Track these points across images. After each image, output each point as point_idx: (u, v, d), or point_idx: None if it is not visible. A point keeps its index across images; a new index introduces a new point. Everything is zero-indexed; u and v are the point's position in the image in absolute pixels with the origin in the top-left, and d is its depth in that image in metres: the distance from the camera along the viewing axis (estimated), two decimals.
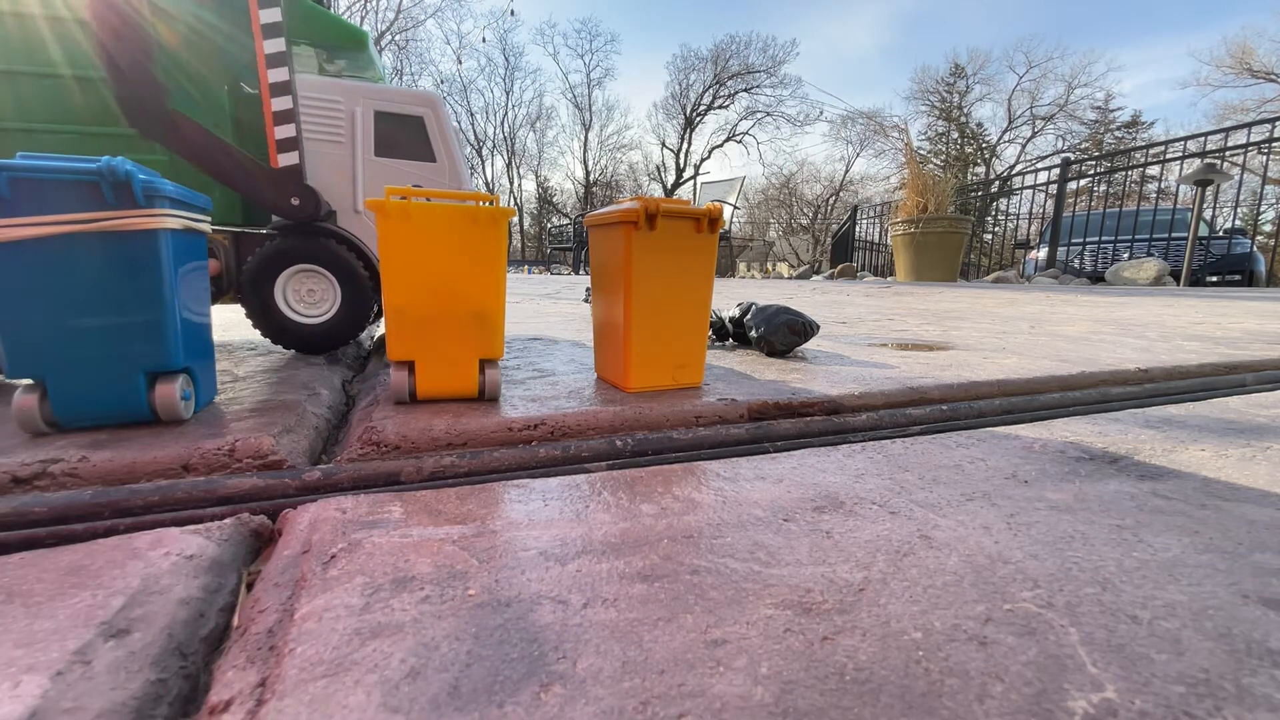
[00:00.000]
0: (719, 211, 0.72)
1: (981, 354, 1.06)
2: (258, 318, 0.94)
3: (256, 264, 0.92)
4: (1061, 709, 0.23)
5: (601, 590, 0.32)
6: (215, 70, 1.00)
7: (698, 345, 0.75)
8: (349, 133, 1.01)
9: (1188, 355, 1.05)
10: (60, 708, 0.23)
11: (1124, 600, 0.31)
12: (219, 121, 1.01)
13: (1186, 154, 4.94)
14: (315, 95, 0.99)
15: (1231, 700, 0.24)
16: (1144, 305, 2.35)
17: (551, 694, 0.24)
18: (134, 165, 0.52)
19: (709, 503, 0.44)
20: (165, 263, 0.55)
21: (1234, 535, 0.39)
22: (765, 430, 0.61)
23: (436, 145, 1.07)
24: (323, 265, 0.95)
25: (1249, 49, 11.46)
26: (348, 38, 1.12)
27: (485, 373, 0.69)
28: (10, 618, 0.29)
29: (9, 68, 0.90)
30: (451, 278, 0.66)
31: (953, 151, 15.30)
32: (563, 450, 0.54)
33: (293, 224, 0.94)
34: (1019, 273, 6.39)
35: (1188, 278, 4.53)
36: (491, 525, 0.40)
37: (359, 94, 1.02)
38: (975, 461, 0.54)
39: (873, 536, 0.38)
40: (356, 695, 0.24)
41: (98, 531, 0.40)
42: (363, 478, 0.48)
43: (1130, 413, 0.72)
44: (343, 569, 0.34)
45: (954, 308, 2.25)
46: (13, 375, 0.53)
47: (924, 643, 0.27)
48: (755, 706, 0.23)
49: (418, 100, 1.06)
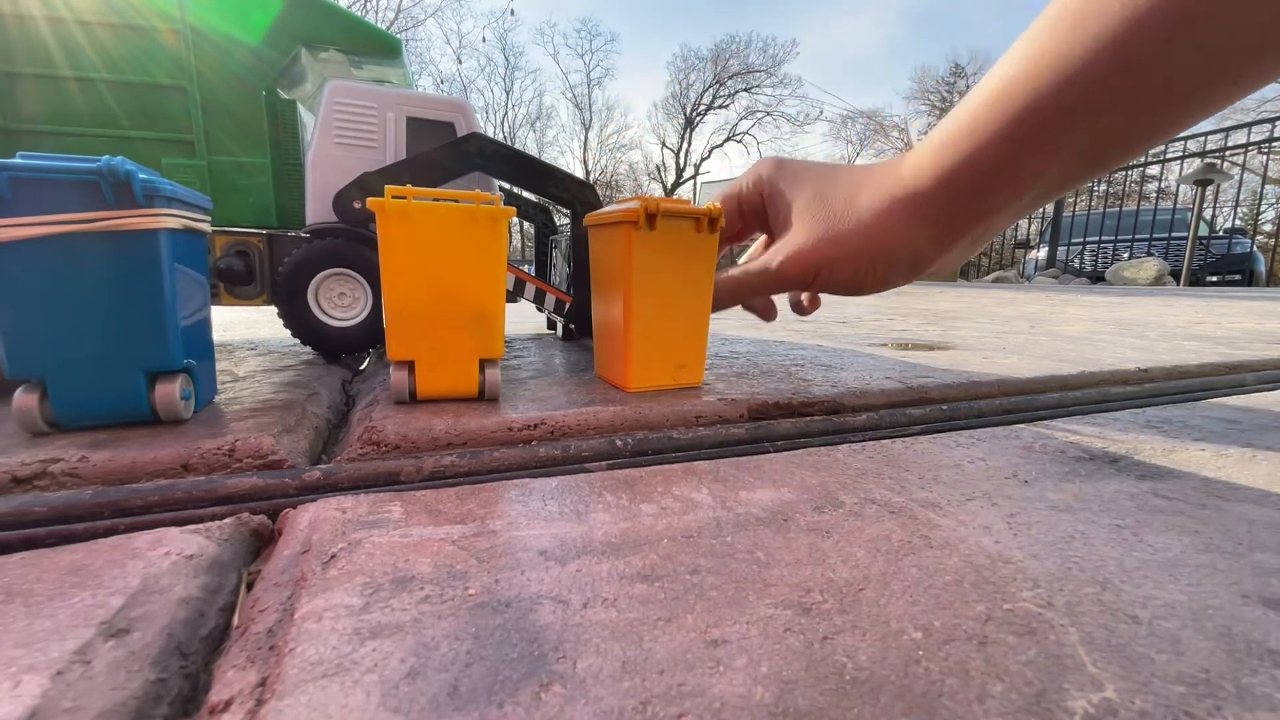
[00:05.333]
0: (720, 211, 0.72)
1: (981, 354, 1.06)
2: (289, 319, 0.95)
3: (292, 267, 0.93)
4: (1061, 709, 0.23)
5: (601, 590, 0.32)
6: (252, 75, 1.02)
7: (698, 345, 0.75)
8: (381, 138, 1.03)
9: (1188, 355, 1.05)
10: (60, 708, 0.23)
11: (1124, 600, 0.31)
12: (258, 125, 1.03)
13: (1186, 154, 4.94)
14: (350, 101, 1.00)
15: (1232, 700, 0.24)
16: (1144, 305, 2.35)
17: (551, 694, 0.24)
18: (134, 165, 0.52)
19: (709, 502, 0.44)
20: (165, 262, 0.55)
21: (1234, 535, 0.39)
22: (765, 430, 0.61)
23: None
24: (355, 269, 0.96)
25: None
26: (382, 45, 1.13)
27: (485, 372, 0.69)
28: (10, 617, 0.29)
29: (44, 71, 0.92)
30: (452, 277, 0.66)
31: None
32: (563, 450, 0.54)
33: (326, 227, 0.95)
34: (1019, 272, 6.38)
35: (1188, 277, 4.52)
36: (491, 525, 0.40)
37: (392, 100, 1.03)
38: (975, 461, 0.54)
39: (873, 536, 0.38)
40: (356, 695, 0.24)
41: (98, 531, 0.40)
42: (363, 477, 0.48)
43: (1130, 412, 0.72)
44: (343, 569, 0.34)
45: (954, 307, 2.25)
46: (12, 375, 0.53)
47: (924, 642, 0.27)
48: (755, 706, 0.23)
49: (449, 106, 1.07)
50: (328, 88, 1.00)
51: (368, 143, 1.02)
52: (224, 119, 1.01)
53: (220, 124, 1.02)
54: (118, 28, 0.94)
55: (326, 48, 1.10)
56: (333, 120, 0.99)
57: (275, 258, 1.00)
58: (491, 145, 1.02)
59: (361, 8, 12.34)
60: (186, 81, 0.98)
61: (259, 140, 1.04)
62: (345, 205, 0.95)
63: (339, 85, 1.00)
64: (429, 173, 0.98)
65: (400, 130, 1.03)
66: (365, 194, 0.95)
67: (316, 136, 0.99)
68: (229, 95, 1.01)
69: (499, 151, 1.02)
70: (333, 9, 1.07)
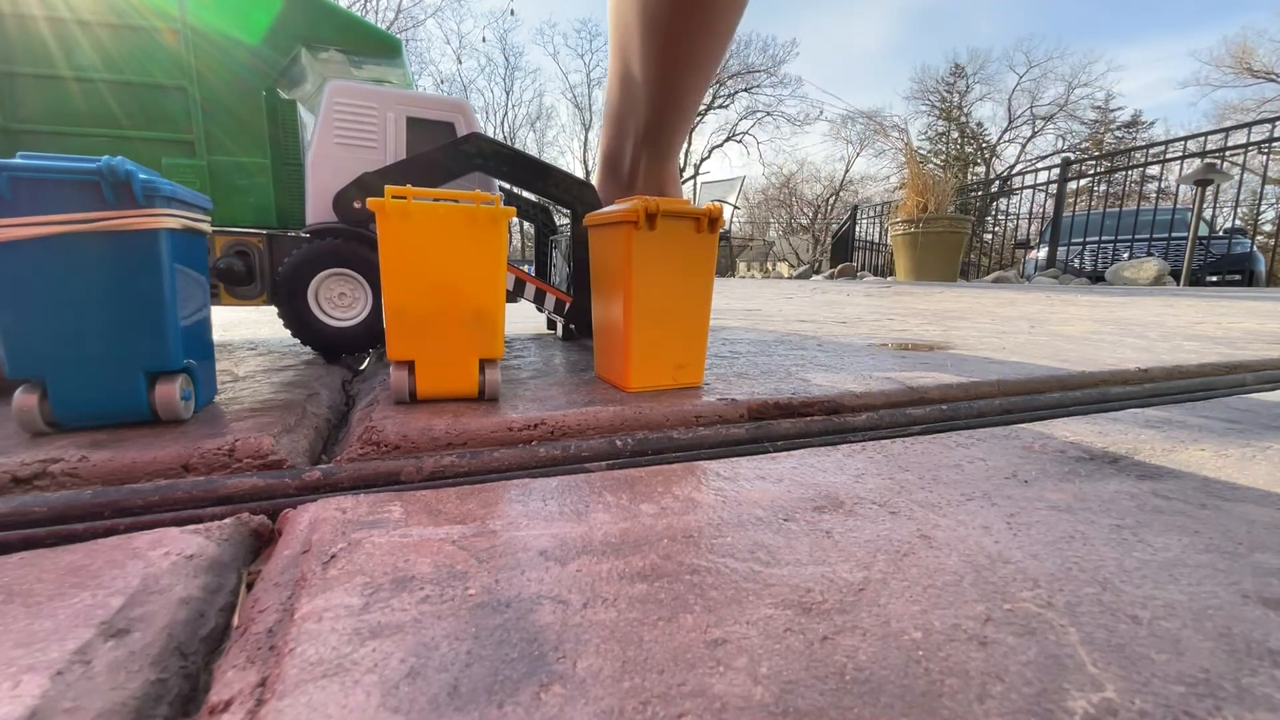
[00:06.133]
0: (719, 211, 0.72)
1: (982, 354, 1.06)
2: (289, 319, 0.95)
3: (291, 267, 0.93)
4: (1061, 709, 0.23)
5: (601, 590, 0.32)
6: (252, 75, 1.02)
7: (698, 345, 0.75)
8: (381, 138, 1.03)
9: (1188, 355, 1.05)
10: (60, 708, 0.23)
11: (1124, 600, 0.31)
12: (258, 126, 1.03)
13: (1186, 154, 4.94)
14: (350, 101, 1.00)
15: (1232, 700, 0.24)
16: (1144, 305, 2.35)
17: (551, 694, 0.24)
18: (134, 165, 0.52)
19: (709, 502, 0.44)
20: (165, 262, 0.55)
21: (1234, 535, 0.39)
22: (765, 430, 0.61)
23: None
24: (355, 269, 0.96)
25: (1249, 49, 11.46)
26: (382, 44, 1.13)
27: (485, 372, 0.69)
28: (10, 617, 0.29)
29: (45, 71, 0.92)
30: (452, 277, 0.66)
31: (953, 151, 15.28)
32: (563, 450, 0.54)
33: (326, 227, 0.95)
34: (1019, 273, 6.38)
35: (1188, 277, 4.52)
36: (491, 525, 0.40)
37: (392, 100, 1.03)
38: (975, 461, 0.54)
39: (873, 536, 0.38)
40: (356, 695, 0.24)
41: (98, 531, 0.40)
42: (363, 477, 0.48)
43: (1130, 412, 0.72)
44: (343, 569, 0.34)
45: (954, 307, 2.25)
46: (12, 375, 0.53)
47: (924, 642, 0.27)
48: (755, 706, 0.23)
49: (449, 106, 1.07)
50: (328, 88, 1.00)
51: (367, 143, 1.02)
52: (224, 119, 1.01)
53: (220, 124, 1.02)
54: (118, 28, 0.94)
55: (326, 48, 1.10)
56: (333, 120, 0.99)
57: (275, 258, 1.00)
58: (491, 145, 1.02)
59: (361, 8, 12.34)
60: (186, 81, 0.98)
61: (259, 140, 1.04)
62: (345, 205, 0.95)
63: (339, 85, 1.00)
64: (429, 173, 0.98)
65: (400, 130, 1.04)
66: (365, 194, 0.95)
67: (316, 136, 0.99)
68: (229, 95, 1.01)
69: (499, 151, 1.02)
70: (333, 9, 1.07)
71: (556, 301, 1.12)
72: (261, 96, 1.03)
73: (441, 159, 0.99)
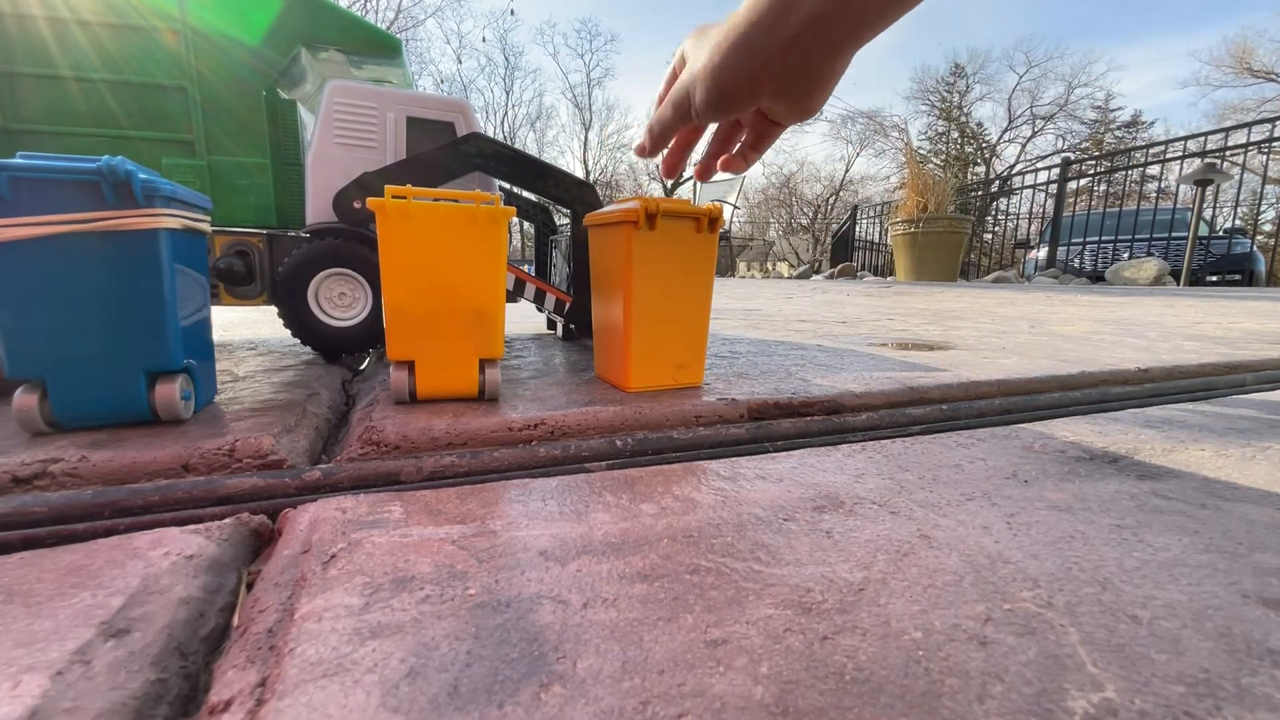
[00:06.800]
0: (719, 211, 0.72)
1: (982, 354, 1.06)
2: (289, 319, 0.95)
3: (291, 267, 0.93)
4: (1062, 709, 0.23)
5: (601, 590, 0.32)
6: (252, 75, 1.02)
7: (698, 345, 0.75)
8: (381, 138, 1.03)
9: (1188, 355, 1.05)
10: (60, 708, 0.23)
11: (1124, 600, 0.31)
12: (258, 125, 1.03)
13: (1186, 154, 4.94)
14: (350, 101, 1.01)
15: (1231, 700, 0.24)
16: (1144, 305, 2.35)
17: (551, 694, 0.24)
18: (134, 165, 0.52)
19: (709, 502, 0.44)
20: (165, 262, 0.55)
21: (1234, 535, 0.39)
22: (765, 430, 0.61)
23: None
24: (355, 269, 0.96)
25: (1249, 49, 11.46)
26: (382, 44, 1.14)
27: (485, 372, 0.69)
28: (10, 617, 0.29)
29: (45, 71, 0.92)
30: (452, 277, 0.66)
31: (953, 151, 15.27)
32: (563, 450, 0.54)
33: (326, 227, 0.96)
34: (1019, 272, 6.38)
35: (1188, 277, 4.52)
36: (491, 525, 0.40)
37: (392, 100, 1.03)
38: (975, 461, 0.54)
39: (873, 536, 0.38)
40: (356, 695, 0.24)
41: (98, 531, 0.40)
42: (363, 477, 0.48)
43: (1130, 412, 0.72)
44: (343, 569, 0.34)
45: (954, 307, 2.25)
46: (12, 375, 0.53)
47: (924, 642, 0.27)
48: (755, 706, 0.23)
49: (449, 106, 1.07)
50: (328, 87, 1.00)
51: (367, 143, 1.02)
52: (224, 119, 1.01)
53: (220, 124, 1.02)
54: (118, 28, 0.94)
55: (326, 48, 1.10)
56: (333, 120, 0.99)
57: (275, 258, 1.00)
58: (491, 145, 1.02)
59: (361, 8, 12.34)
60: (186, 81, 0.98)
61: (259, 140, 1.04)
62: (345, 205, 0.95)
63: (339, 85, 1.00)
64: (429, 172, 0.98)
65: (400, 130, 1.04)
66: (365, 194, 0.95)
67: (316, 136, 0.99)
68: (229, 95, 1.01)
69: (499, 151, 1.02)
70: (333, 9, 1.07)
71: (556, 301, 1.12)
72: (261, 96, 1.03)
73: (441, 159, 0.99)
